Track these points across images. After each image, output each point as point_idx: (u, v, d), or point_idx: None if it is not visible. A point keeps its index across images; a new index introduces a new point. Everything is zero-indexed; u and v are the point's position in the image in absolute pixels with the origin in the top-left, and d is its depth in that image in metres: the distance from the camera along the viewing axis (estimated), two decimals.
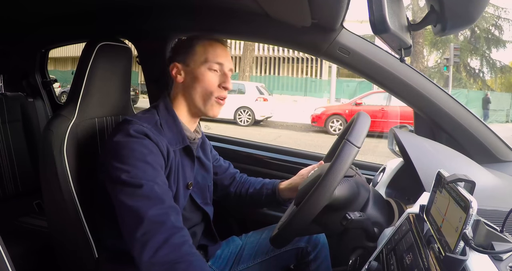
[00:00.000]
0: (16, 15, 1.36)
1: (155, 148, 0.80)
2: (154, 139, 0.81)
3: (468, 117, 1.07)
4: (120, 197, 0.73)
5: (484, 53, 14.98)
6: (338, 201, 0.78)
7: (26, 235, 1.33)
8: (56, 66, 16.91)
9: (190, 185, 0.94)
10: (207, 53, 0.91)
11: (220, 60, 0.91)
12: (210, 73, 0.90)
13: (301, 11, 0.89)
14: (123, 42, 1.06)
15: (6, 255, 0.51)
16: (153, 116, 0.88)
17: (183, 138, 0.90)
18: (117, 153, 0.77)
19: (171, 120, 0.90)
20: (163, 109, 0.91)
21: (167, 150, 0.84)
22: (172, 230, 0.70)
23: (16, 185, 1.54)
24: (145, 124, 0.82)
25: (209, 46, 0.92)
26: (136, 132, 0.79)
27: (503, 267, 0.49)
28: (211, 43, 0.92)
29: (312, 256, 1.05)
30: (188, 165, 0.93)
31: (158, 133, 0.84)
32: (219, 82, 0.91)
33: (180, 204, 0.91)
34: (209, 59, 0.90)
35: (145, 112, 0.91)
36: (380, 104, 7.69)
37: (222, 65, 0.92)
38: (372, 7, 0.56)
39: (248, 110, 9.37)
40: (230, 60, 0.95)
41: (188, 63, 0.91)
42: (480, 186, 0.58)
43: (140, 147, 0.77)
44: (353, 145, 0.74)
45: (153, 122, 0.86)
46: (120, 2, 1.17)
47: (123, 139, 0.78)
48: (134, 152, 0.76)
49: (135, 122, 0.82)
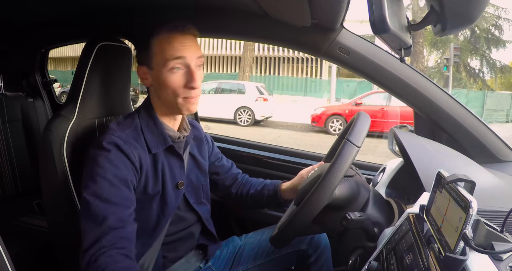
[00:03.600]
0: (16, 15, 1.36)
1: (122, 160, 0.81)
2: (124, 148, 0.81)
3: (468, 117, 1.07)
4: (80, 202, 0.78)
5: (484, 53, 14.96)
6: (338, 200, 0.78)
7: (26, 235, 1.33)
8: (56, 66, 16.92)
9: (181, 184, 0.93)
10: (164, 52, 0.82)
11: (179, 54, 0.82)
12: (172, 75, 0.83)
13: (301, 11, 0.88)
14: (123, 42, 1.06)
15: (6, 255, 0.51)
16: (133, 121, 0.89)
17: (164, 139, 0.89)
18: (87, 167, 0.81)
19: (151, 122, 0.89)
20: (143, 112, 0.91)
21: (139, 158, 0.84)
22: (99, 250, 0.72)
23: (16, 185, 1.55)
24: (118, 133, 0.83)
25: (165, 42, 0.83)
26: (106, 144, 0.80)
27: (503, 267, 0.49)
28: (167, 38, 0.83)
29: (313, 258, 1.04)
30: (176, 165, 0.93)
31: (135, 139, 0.85)
32: (184, 82, 0.84)
33: (171, 204, 0.91)
34: (167, 59, 0.82)
35: (127, 116, 0.91)
36: (380, 104, 7.70)
37: (184, 58, 0.83)
38: (372, 7, 0.56)
39: (248, 110, 9.38)
40: (195, 50, 0.85)
41: (152, 67, 0.86)
42: (480, 186, 0.58)
43: (106, 163, 0.79)
44: (353, 145, 0.74)
45: (132, 126, 0.87)
46: (120, 2, 1.17)
47: (94, 151, 0.81)
48: (99, 167, 0.79)
49: (109, 131, 0.83)
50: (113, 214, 0.76)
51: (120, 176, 0.80)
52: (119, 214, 0.77)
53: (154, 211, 0.89)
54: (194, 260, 1.03)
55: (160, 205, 0.90)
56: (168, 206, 0.90)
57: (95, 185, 0.77)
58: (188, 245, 1.00)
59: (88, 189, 0.77)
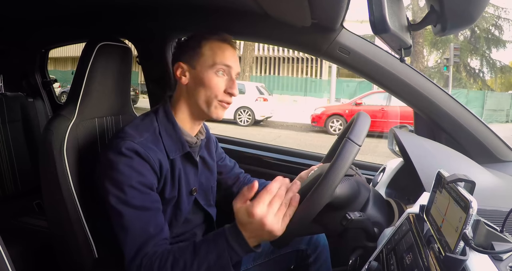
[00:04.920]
0: (16, 15, 1.36)
1: (145, 166, 0.80)
2: (145, 155, 0.79)
3: (468, 117, 1.07)
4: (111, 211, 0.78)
5: (484, 53, 14.97)
6: (339, 199, 0.78)
7: (26, 235, 1.33)
8: (56, 66, 16.92)
9: (194, 191, 0.93)
10: (215, 56, 0.86)
11: (229, 63, 0.87)
12: (217, 78, 0.86)
13: (301, 11, 0.89)
14: (123, 42, 1.06)
15: (6, 255, 0.51)
16: (152, 124, 0.86)
17: (182, 145, 0.88)
18: (108, 174, 0.79)
19: (170, 127, 0.87)
20: (162, 116, 0.88)
21: (160, 163, 0.83)
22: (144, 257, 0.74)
23: (16, 185, 1.55)
24: (138, 138, 0.81)
25: (218, 48, 0.87)
26: (127, 150, 0.78)
27: (503, 267, 0.49)
28: (219, 45, 0.87)
29: (312, 258, 1.04)
30: (191, 171, 0.92)
31: (154, 144, 0.83)
32: (225, 87, 0.87)
33: (185, 210, 0.91)
34: (217, 63, 0.85)
35: (144, 117, 0.89)
36: (380, 104, 7.70)
37: (231, 68, 0.87)
38: (372, 7, 0.56)
39: (248, 110, 9.38)
40: (238, 64, 0.91)
41: (194, 65, 0.87)
42: (480, 186, 0.58)
43: (129, 170, 0.78)
44: (354, 143, 0.74)
45: (151, 130, 0.85)
46: (120, 2, 1.17)
47: (114, 157, 0.79)
48: (122, 175, 0.77)
49: (128, 137, 0.80)
50: (149, 220, 0.77)
51: (145, 181, 0.79)
52: (154, 219, 0.78)
53: (168, 215, 0.89)
54: None
55: (174, 210, 0.90)
56: (181, 211, 0.90)
57: (124, 195, 0.76)
58: None
59: (117, 199, 0.77)
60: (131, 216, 0.76)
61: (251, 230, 0.69)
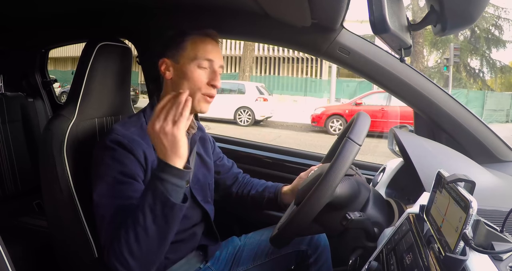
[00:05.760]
0: (16, 15, 1.36)
1: (128, 157, 0.82)
2: (128, 146, 0.82)
3: (468, 117, 1.07)
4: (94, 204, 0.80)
5: (484, 53, 14.96)
6: (340, 199, 0.78)
7: (26, 235, 1.34)
8: (56, 66, 16.92)
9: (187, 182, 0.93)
10: (197, 50, 0.88)
11: (210, 57, 0.89)
12: (199, 70, 0.88)
13: (301, 11, 0.89)
14: (123, 42, 1.06)
15: (6, 255, 0.51)
16: (139, 119, 0.90)
17: None
18: (94, 169, 0.83)
19: None
20: (149, 111, 0.93)
21: (144, 154, 0.84)
22: None
23: (16, 185, 1.55)
24: (122, 131, 0.84)
25: (200, 42, 0.89)
26: (110, 143, 0.82)
27: (503, 267, 0.49)
28: (202, 39, 0.90)
29: (312, 259, 1.04)
30: None
31: (141, 137, 0.85)
32: (207, 79, 0.89)
33: None
34: (198, 56, 0.88)
35: (132, 115, 0.93)
36: (380, 104, 7.70)
37: (212, 62, 0.89)
38: (372, 7, 0.56)
39: (248, 110, 9.38)
40: (221, 57, 0.93)
41: (177, 60, 0.89)
42: (480, 186, 0.58)
43: (111, 161, 0.81)
44: (354, 143, 0.74)
45: (138, 125, 0.88)
46: (120, 3, 1.17)
47: (99, 152, 0.84)
48: (105, 167, 0.80)
49: (114, 131, 0.84)
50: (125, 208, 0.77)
51: (127, 171, 0.81)
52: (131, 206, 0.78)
53: None
54: (195, 261, 1.02)
55: None
56: None
57: (106, 185, 0.79)
58: (190, 246, 1.00)
59: (97, 189, 0.79)
60: (106, 204, 0.77)
61: (162, 149, 0.73)
